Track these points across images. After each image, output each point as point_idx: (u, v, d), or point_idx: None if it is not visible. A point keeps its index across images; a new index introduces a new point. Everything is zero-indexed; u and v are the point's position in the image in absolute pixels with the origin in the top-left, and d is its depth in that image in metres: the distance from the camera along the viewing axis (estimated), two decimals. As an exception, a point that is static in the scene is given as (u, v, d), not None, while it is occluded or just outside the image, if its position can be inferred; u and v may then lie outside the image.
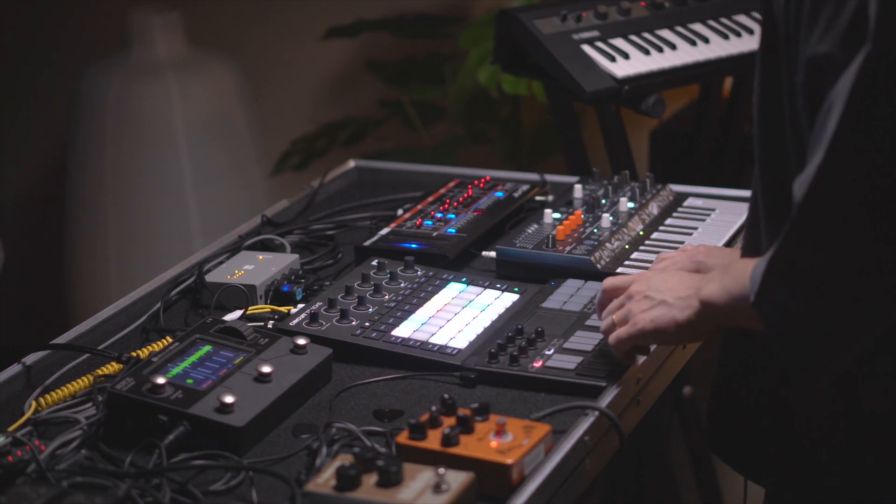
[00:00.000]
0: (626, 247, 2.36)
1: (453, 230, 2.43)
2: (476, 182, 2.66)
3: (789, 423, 1.82)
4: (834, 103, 1.55)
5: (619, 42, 2.85)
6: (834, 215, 1.57)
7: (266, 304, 2.25)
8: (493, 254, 2.36)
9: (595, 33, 2.85)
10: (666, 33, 2.92)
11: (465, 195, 2.59)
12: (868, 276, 1.58)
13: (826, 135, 1.55)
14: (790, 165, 1.68)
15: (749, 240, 1.85)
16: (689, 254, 2.01)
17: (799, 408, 1.80)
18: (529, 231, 2.39)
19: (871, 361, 1.70)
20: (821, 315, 1.60)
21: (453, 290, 2.22)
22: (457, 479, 1.65)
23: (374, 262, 2.28)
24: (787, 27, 1.66)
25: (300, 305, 2.19)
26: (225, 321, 2.03)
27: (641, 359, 1.96)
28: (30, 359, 2.06)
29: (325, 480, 1.66)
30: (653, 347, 1.99)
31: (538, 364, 1.97)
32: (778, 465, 1.85)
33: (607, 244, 2.33)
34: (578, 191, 2.55)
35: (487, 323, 2.12)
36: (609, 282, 1.95)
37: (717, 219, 2.50)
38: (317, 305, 2.15)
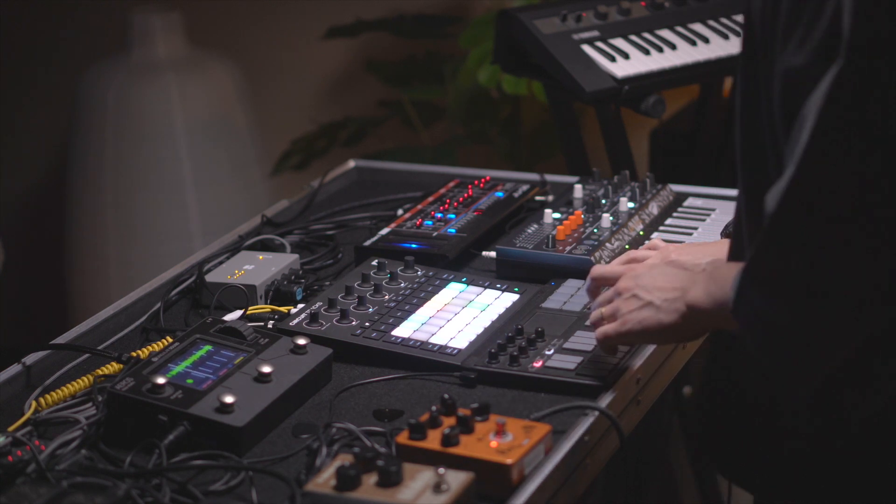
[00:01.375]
0: (627, 247, 2.35)
1: (453, 230, 2.43)
2: (476, 182, 2.66)
3: (775, 428, 1.81)
4: (807, 117, 1.54)
5: (619, 42, 2.85)
6: (804, 228, 1.56)
7: (266, 304, 2.25)
8: (493, 254, 2.36)
9: (595, 33, 2.85)
10: (666, 33, 2.92)
11: (465, 195, 2.58)
12: (841, 285, 1.56)
13: (799, 148, 1.55)
14: (770, 172, 1.68)
15: (735, 244, 1.85)
16: (661, 255, 2.01)
17: (785, 413, 1.79)
18: (529, 231, 2.39)
19: (856, 365, 1.69)
20: (797, 322, 1.59)
21: (453, 290, 2.22)
22: (457, 479, 1.65)
23: (374, 262, 2.27)
24: (764, 36, 1.65)
25: (300, 305, 2.19)
26: (225, 321, 2.02)
27: (623, 351, 1.97)
28: (30, 359, 2.06)
29: (325, 480, 1.66)
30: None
31: (538, 364, 1.97)
32: (764, 472, 1.84)
33: (607, 244, 2.33)
34: (578, 191, 2.55)
35: (487, 323, 2.12)
36: (597, 270, 1.96)
37: (717, 219, 2.49)
38: (317, 305, 2.14)
